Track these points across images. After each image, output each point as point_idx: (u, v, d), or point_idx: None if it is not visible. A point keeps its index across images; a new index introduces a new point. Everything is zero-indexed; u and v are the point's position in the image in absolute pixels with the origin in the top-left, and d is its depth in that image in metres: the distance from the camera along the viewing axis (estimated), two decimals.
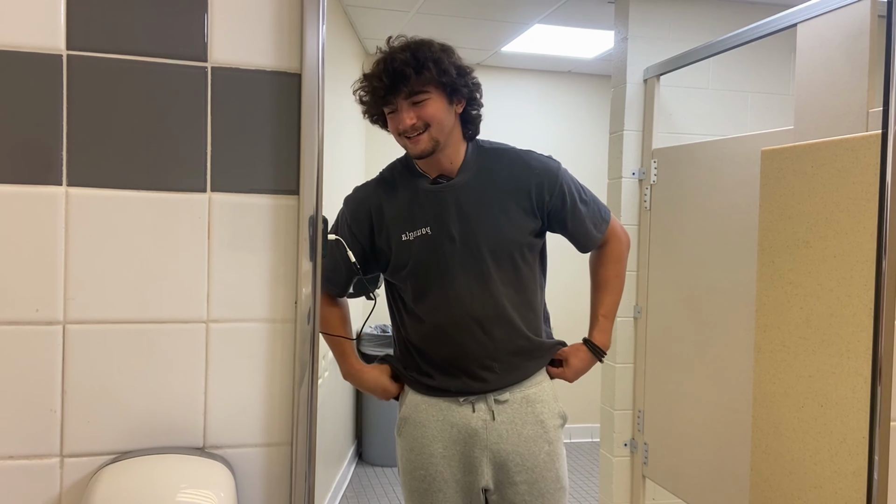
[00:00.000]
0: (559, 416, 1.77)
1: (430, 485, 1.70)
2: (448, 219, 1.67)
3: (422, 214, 1.69)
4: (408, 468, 1.74)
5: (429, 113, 1.62)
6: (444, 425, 1.71)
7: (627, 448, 3.02)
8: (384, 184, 1.76)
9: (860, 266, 1.63)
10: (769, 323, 1.87)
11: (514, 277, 1.70)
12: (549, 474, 1.72)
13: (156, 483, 1.20)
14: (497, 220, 1.68)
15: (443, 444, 1.70)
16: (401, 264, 1.70)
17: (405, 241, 1.69)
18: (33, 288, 1.23)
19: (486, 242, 1.67)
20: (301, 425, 1.31)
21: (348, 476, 4.21)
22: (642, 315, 2.95)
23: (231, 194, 1.30)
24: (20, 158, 1.22)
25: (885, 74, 1.50)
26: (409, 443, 1.74)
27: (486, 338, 1.68)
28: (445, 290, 1.68)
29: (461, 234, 1.67)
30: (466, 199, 1.68)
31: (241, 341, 1.31)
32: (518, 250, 1.70)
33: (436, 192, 1.69)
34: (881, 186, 1.53)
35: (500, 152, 1.75)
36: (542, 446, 1.72)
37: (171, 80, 1.27)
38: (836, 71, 1.97)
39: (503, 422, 1.70)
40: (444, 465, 1.70)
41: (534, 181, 1.71)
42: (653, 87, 2.93)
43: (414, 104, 1.61)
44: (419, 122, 1.62)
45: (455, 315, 1.68)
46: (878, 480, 1.55)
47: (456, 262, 1.67)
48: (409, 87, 1.60)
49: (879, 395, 1.53)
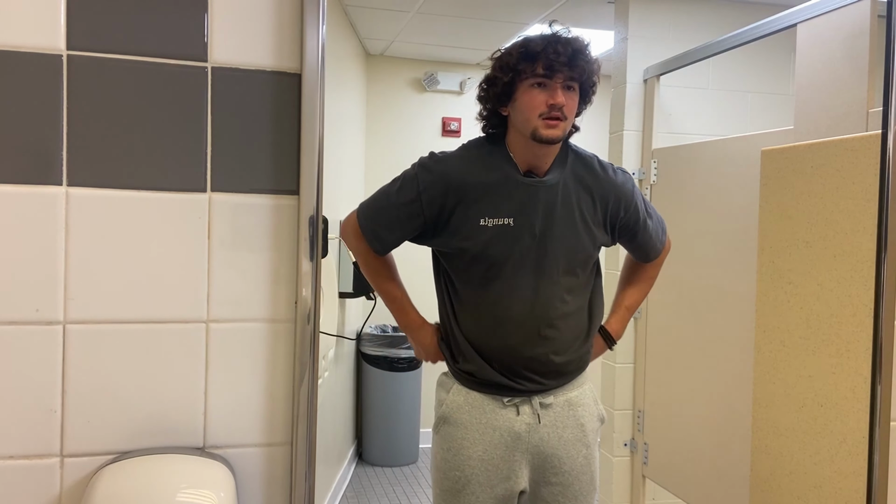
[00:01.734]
0: (598, 419, 1.78)
1: (463, 487, 1.68)
2: (534, 215, 1.65)
3: (507, 204, 1.64)
4: (442, 467, 1.72)
5: (573, 104, 1.62)
6: (486, 428, 1.68)
7: (627, 448, 3.02)
8: (471, 162, 1.68)
9: (860, 266, 1.63)
10: (769, 323, 1.87)
11: (577, 284, 1.70)
12: (585, 477, 1.72)
13: (156, 483, 1.20)
14: (577, 227, 1.67)
15: (483, 448, 1.68)
16: (469, 248, 1.65)
17: (482, 225, 1.64)
18: (33, 288, 1.23)
19: (563, 247, 1.66)
20: (301, 425, 1.31)
21: (348, 476, 4.21)
22: (642, 315, 2.95)
23: (231, 194, 1.30)
24: (20, 158, 1.22)
25: (885, 74, 1.50)
26: (448, 442, 1.71)
27: (540, 339, 1.67)
28: (511, 284, 1.65)
29: (542, 233, 1.65)
30: (555, 199, 1.66)
31: (241, 341, 1.31)
32: (586, 260, 1.70)
33: (528, 186, 1.65)
34: (881, 186, 1.53)
35: (588, 160, 1.74)
36: (580, 450, 1.71)
37: (171, 80, 1.27)
38: (836, 71, 1.97)
39: (546, 425, 1.69)
40: (481, 468, 1.67)
41: (613, 195, 1.71)
42: (653, 87, 2.93)
43: (567, 88, 1.60)
44: (565, 108, 1.60)
45: (515, 311, 1.65)
46: (878, 480, 1.55)
47: (530, 259, 1.65)
48: (576, 70, 1.59)
49: (879, 395, 1.53)
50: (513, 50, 1.62)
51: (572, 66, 1.58)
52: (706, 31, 2.99)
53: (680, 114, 3.10)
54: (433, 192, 1.64)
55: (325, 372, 3.41)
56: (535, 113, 1.58)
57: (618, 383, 3.01)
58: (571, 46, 1.59)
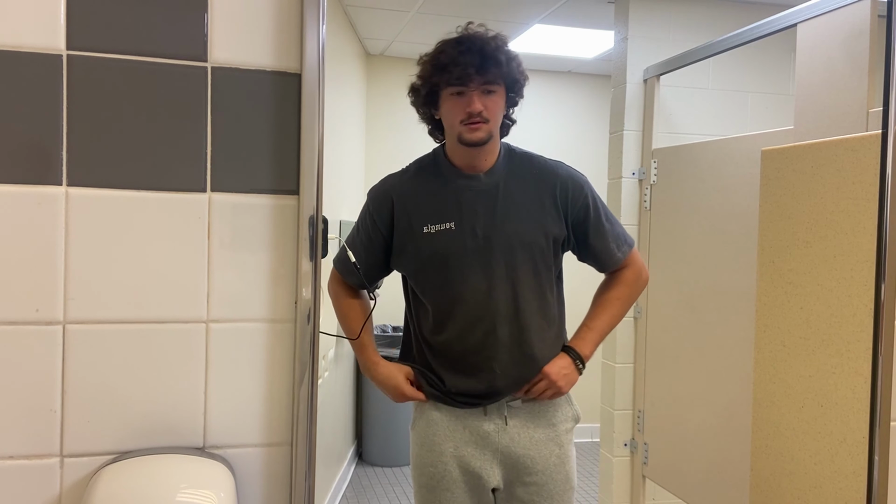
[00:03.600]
0: (572, 418, 1.78)
1: (438, 482, 1.72)
2: (474, 216, 1.68)
3: (447, 209, 1.69)
4: (417, 464, 1.77)
5: (494, 107, 1.65)
6: (456, 425, 1.72)
7: (627, 448, 3.02)
8: (410, 175, 1.76)
9: (860, 266, 1.63)
10: (769, 323, 1.87)
11: (533, 282, 1.70)
12: (559, 476, 1.73)
13: (156, 483, 1.20)
14: (522, 222, 1.68)
15: (454, 444, 1.71)
16: (419, 257, 1.70)
17: (426, 233, 1.68)
18: (33, 288, 1.23)
19: (509, 243, 1.67)
20: (301, 425, 1.31)
21: (348, 476, 4.21)
22: (642, 315, 2.95)
23: (231, 194, 1.30)
24: (20, 158, 1.22)
25: (885, 74, 1.50)
26: (421, 439, 1.76)
27: (493, 337, 1.67)
28: (461, 286, 1.67)
29: (484, 231, 1.67)
30: (494, 198, 1.69)
31: (241, 341, 1.31)
32: (540, 254, 1.69)
33: (464, 189, 1.69)
34: (881, 186, 1.53)
35: (529, 157, 1.76)
36: (552, 449, 1.73)
37: (171, 80, 1.27)
38: (836, 71, 1.97)
39: (515, 426, 1.71)
40: (453, 464, 1.71)
41: (559, 186, 1.72)
42: (653, 87, 2.93)
43: (486, 93, 1.63)
44: (485, 112, 1.63)
45: (468, 312, 1.67)
46: (878, 480, 1.55)
47: (476, 259, 1.67)
48: (489, 76, 1.61)
49: (879, 395, 1.53)
50: (429, 59, 1.68)
51: (484, 72, 1.61)
52: (706, 31, 2.99)
53: (680, 114, 3.10)
54: (381, 211, 1.73)
55: (325, 372, 3.41)
56: (457, 120, 1.64)
57: (618, 383, 3.01)
58: (482, 53, 1.61)
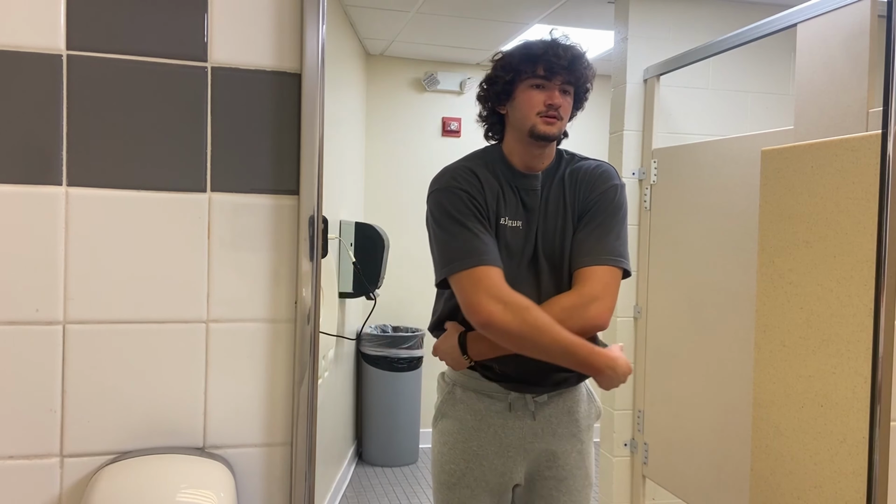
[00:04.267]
0: (595, 415, 1.80)
1: (459, 480, 1.72)
2: (536, 216, 1.70)
3: (517, 206, 1.70)
4: (439, 461, 1.77)
5: (567, 106, 1.69)
6: (481, 424, 1.72)
7: (627, 448, 3.02)
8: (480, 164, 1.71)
9: (860, 266, 1.63)
10: (769, 323, 1.87)
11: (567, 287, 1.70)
12: (579, 472, 1.75)
13: (156, 483, 1.20)
14: (566, 228, 1.70)
15: (478, 443, 1.72)
16: None
17: (502, 224, 1.69)
18: (33, 288, 1.23)
19: (556, 247, 1.69)
20: (301, 425, 1.31)
21: (348, 476, 4.21)
22: (642, 315, 2.95)
23: (231, 194, 1.30)
24: (20, 158, 1.22)
25: (885, 74, 1.50)
26: (445, 436, 1.76)
27: None
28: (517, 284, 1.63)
29: (541, 234, 1.69)
30: (547, 199, 1.71)
31: (241, 341, 1.31)
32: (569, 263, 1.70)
33: (527, 189, 1.70)
34: (881, 186, 1.53)
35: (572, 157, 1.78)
36: (574, 445, 1.74)
37: (171, 80, 1.27)
38: (836, 71, 1.97)
39: (541, 421, 1.72)
40: (476, 463, 1.72)
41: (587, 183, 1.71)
42: (653, 87, 2.93)
43: (563, 92, 1.67)
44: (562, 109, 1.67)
45: None
46: (878, 480, 1.55)
47: (529, 259, 1.68)
48: (571, 77, 1.66)
49: (879, 395, 1.53)
50: (515, 51, 1.70)
51: (571, 70, 1.67)
52: (706, 31, 2.99)
53: (680, 114, 3.10)
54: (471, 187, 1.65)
55: (325, 372, 3.41)
56: (534, 111, 1.66)
57: None
58: (570, 52, 1.67)
